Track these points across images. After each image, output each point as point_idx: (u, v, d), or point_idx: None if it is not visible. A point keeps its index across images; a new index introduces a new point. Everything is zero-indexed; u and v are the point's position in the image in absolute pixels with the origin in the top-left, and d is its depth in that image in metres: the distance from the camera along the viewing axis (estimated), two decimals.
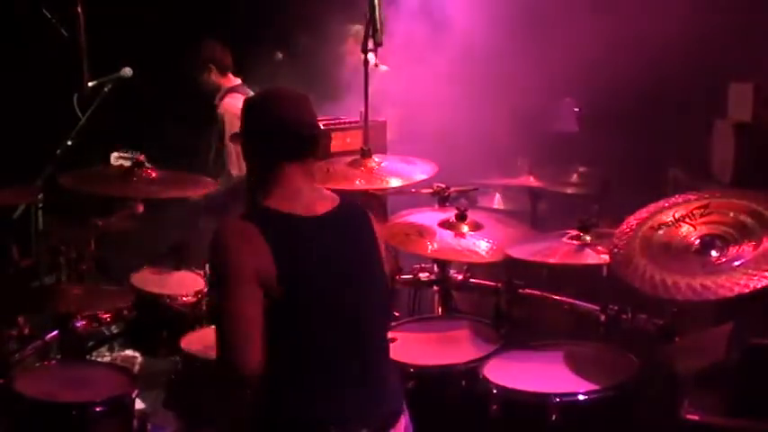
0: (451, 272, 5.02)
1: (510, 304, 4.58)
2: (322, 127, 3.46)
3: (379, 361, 3.33)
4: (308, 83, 5.66)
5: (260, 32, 7.32)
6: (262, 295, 3.10)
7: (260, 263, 3.10)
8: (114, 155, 5.93)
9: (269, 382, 3.19)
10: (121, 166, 5.39)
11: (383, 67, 6.54)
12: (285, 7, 7.24)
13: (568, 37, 6.12)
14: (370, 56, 5.09)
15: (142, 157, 4.96)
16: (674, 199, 4.25)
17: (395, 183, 4.80)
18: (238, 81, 6.66)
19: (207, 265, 4.29)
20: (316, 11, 6.95)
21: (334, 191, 3.44)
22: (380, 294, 3.36)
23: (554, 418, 3.91)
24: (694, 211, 4.10)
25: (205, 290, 4.80)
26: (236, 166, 6.31)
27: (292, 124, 3.28)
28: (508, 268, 4.66)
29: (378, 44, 5.03)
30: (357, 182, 4.72)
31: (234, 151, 6.34)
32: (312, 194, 3.31)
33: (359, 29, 7.02)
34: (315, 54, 7.09)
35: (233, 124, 6.26)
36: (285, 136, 3.28)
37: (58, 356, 4.69)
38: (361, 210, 3.40)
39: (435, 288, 4.99)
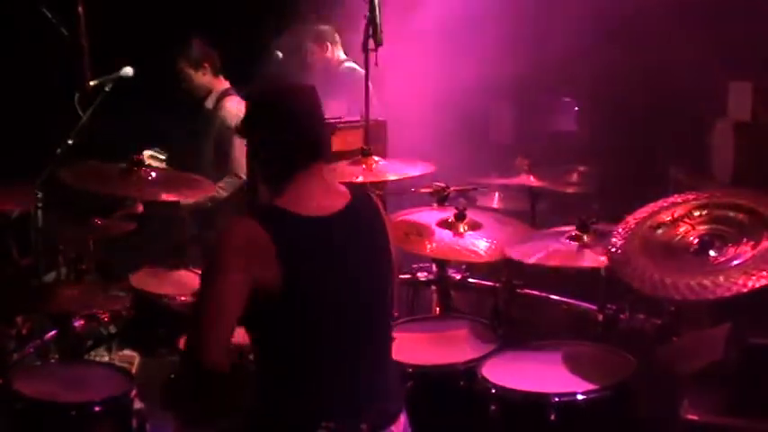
0: (450, 271, 5.02)
1: (508, 304, 4.58)
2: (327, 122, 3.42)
3: (381, 361, 3.33)
4: None
5: (260, 31, 7.31)
6: (244, 294, 3.07)
7: (260, 262, 3.08)
8: (147, 153, 5.90)
9: (269, 380, 3.21)
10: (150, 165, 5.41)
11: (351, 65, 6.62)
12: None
13: (568, 37, 6.12)
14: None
15: (142, 157, 4.96)
16: (673, 198, 4.25)
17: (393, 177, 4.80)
18: (228, 84, 6.62)
19: None
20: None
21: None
22: (386, 294, 3.33)
23: (552, 417, 3.91)
24: (693, 211, 4.10)
25: None
26: (243, 169, 6.29)
27: (309, 130, 3.25)
28: (507, 268, 4.66)
29: (378, 44, 5.04)
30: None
31: (240, 155, 6.30)
32: (323, 194, 3.27)
33: (313, 29, 7.06)
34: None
35: None
36: (301, 142, 3.24)
37: (57, 356, 4.69)
38: (373, 204, 3.36)
39: (434, 288, 5.00)
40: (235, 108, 6.40)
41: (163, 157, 6.14)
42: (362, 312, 3.23)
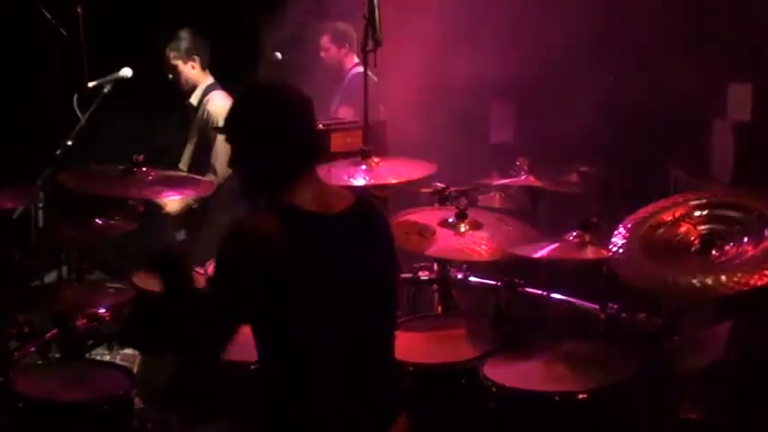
0: (451, 271, 5.02)
1: (509, 303, 4.58)
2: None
3: (383, 360, 3.34)
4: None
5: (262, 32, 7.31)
6: (253, 292, 3.09)
7: (272, 257, 3.09)
8: None
9: (271, 380, 3.23)
10: None
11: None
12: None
13: (569, 37, 6.13)
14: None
15: (141, 158, 4.96)
16: (674, 198, 4.25)
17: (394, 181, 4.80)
18: (212, 78, 6.55)
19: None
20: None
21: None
22: (389, 295, 3.36)
23: (554, 416, 3.91)
24: (694, 211, 4.10)
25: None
26: (223, 166, 6.24)
27: (310, 128, 3.28)
28: (508, 267, 4.66)
29: (378, 44, 5.03)
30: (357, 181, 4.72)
31: (223, 151, 6.26)
32: (327, 192, 3.30)
33: (335, 25, 7.06)
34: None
35: None
36: (305, 139, 3.27)
37: (58, 355, 4.69)
38: (377, 208, 3.39)
39: (435, 287, 5.00)
40: (222, 104, 6.35)
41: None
42: (365, 312, 3.24)
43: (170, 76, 6.50)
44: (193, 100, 6.51)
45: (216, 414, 4.17)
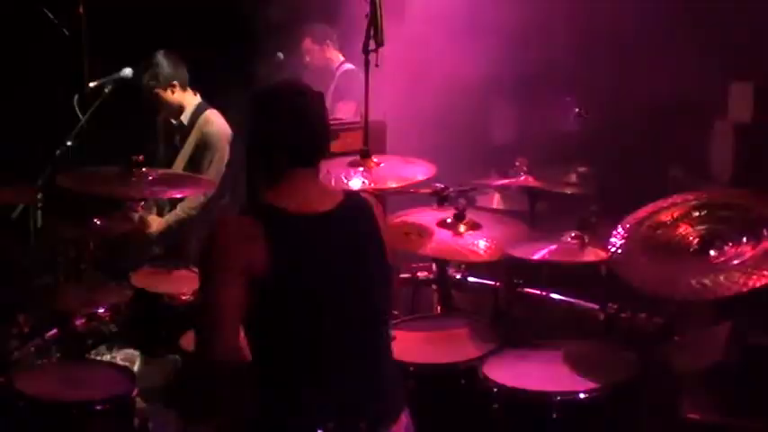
0: (450, 271, 5.02)
1: (509, 303, 4.58)
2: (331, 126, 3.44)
3: (379, 358, 3.32)
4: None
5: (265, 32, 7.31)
6: (244, 288, 3.09)
7: (253, 257, 3.10)
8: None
9: (266, 378, 3.21)
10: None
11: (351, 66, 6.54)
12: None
13: (569, 37, 6.13)
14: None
15: (141, 158, 4.95)
16: (673, 199, 4.25)
17: (393, 184, 4.79)
18: (199, 97, 6.26)
19: None
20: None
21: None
22: (380, 291, 3.34)
23: (554, 416, 3.91)
24: (693, 211, 4.11)
25: None
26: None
27: (312, 129, 3.27)
28: (507, 267, 4.66)
29: (379, 45, 5.03)
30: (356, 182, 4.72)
31: (214, 175, 6.14)
32: (316, 192, 3.30)
33: (313, 26, 7.04)
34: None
35: (225, 151, 6.11)
36: (300, 143, 3.26)
37: (58, 355, 4.69)
38: (367, 204, 3.38)
39: (434, 287, 5.00)
40: (219, 125, 6.19)
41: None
42: (352, 312, 3.23)
43: (150, 102, 6.29)
44: (184, 119, 6.33)
45: (215, 413, 4.16)
